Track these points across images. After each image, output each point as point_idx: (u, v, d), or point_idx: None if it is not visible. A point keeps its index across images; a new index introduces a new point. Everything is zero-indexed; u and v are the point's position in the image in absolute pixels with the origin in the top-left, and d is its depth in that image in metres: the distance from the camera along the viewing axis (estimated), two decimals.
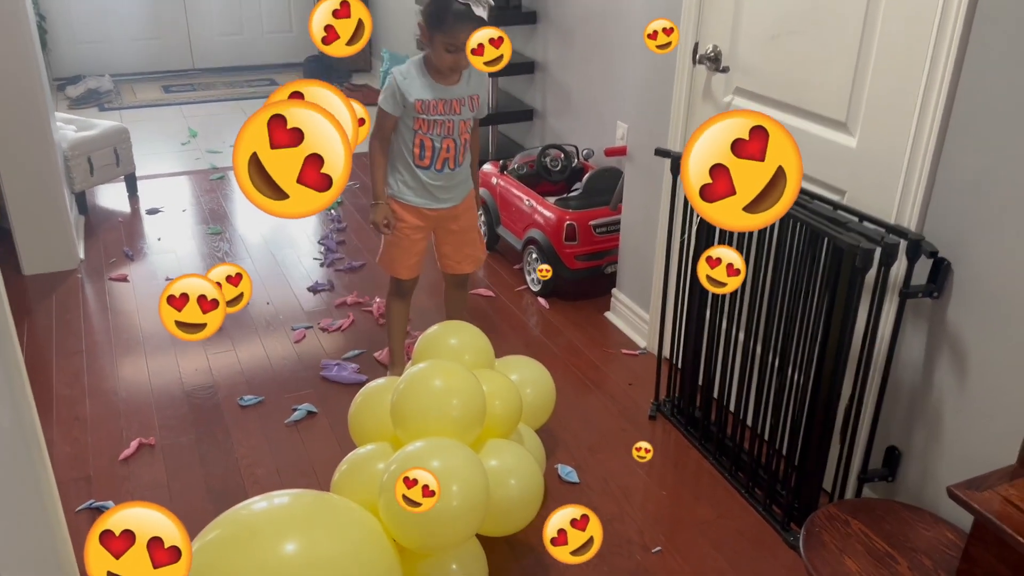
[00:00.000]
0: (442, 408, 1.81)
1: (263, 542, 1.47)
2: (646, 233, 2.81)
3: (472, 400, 1.84)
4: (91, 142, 3.82)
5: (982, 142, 1.69)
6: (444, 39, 2.23)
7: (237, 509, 1.56)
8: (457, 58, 2.24)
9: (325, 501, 1.64)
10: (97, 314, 3.10)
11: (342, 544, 1.54)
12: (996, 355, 1.74)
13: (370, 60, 6.59)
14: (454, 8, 2.19)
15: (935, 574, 1.73)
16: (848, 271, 1.80)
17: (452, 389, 1.83)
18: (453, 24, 2.19)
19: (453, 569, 1.77)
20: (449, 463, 1.67)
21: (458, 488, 1.64)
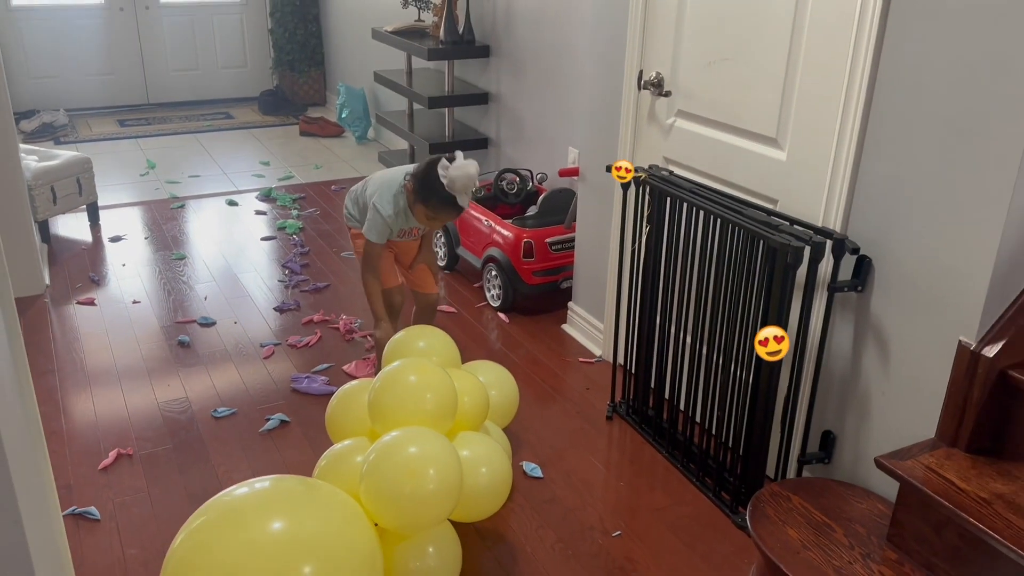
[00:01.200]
0: (417, 402, 1.95)
1: (249, 523, 1.56)
2: (599, 248, 3.00)
3: (444, 394, 1.98)
4: (54, 172, 3.89)
5: (893, 152, 1.91)
6: (426, 211, 2.51)
7: (220, 496, 1.65)
8: (432, 223, 2.59)
9: (307, 484, 1.74)
10: (67, 336, 3.16)
11: (326, 524, 1.63)
12: (914, 340, 1.95)
13: (325, 94, 6.75)
14: (441, 194, 2.44)
15: (868, 539, 1.91)
16: (781, 269, 2.00)
17: (426, 384, 1.97)
18: (437, 207, 2.48)
19: (430, 552, 1.89)
20: (425, 449, 1.81)
21: (435, 472, 1.77)
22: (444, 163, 2.42)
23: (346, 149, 5.67)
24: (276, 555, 1.56)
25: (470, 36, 4.22)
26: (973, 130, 1.72)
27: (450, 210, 2.48)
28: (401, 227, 2.60)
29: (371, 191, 2.59)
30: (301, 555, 1.57)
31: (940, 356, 1.88)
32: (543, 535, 2.20)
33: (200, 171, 5.17)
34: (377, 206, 2.53)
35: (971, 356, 1.80)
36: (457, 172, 2.40)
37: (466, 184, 2.41)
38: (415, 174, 2.50)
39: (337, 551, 1.63)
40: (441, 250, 3.83)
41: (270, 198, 4.70)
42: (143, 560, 2.08)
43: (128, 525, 2.20)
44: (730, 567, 2.11)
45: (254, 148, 5.69)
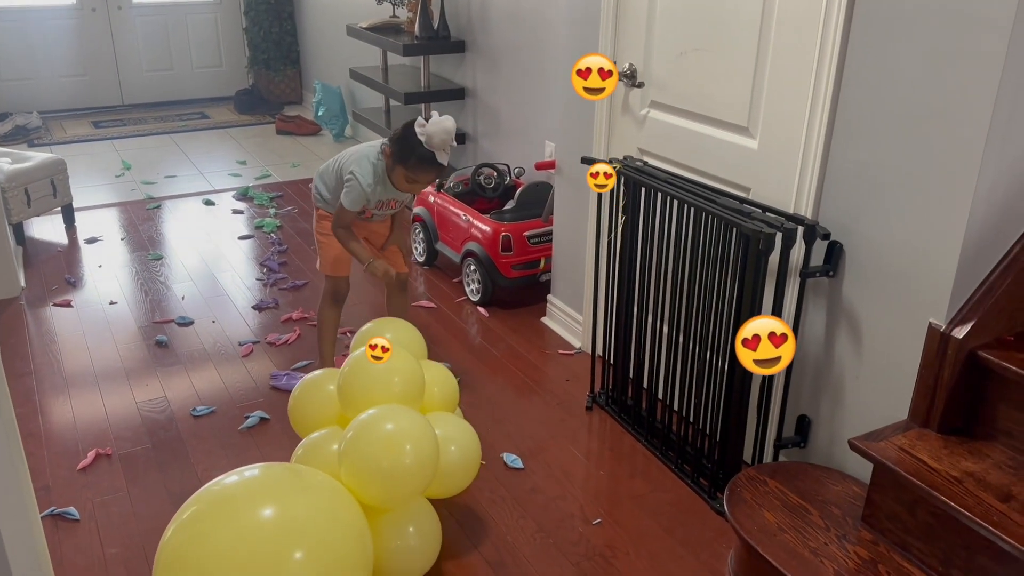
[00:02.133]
0: (385, 384, 2.01)
1: (240, 511, 1.59)
2: (576, 241, 3.01)
3: (411, 375, 2.05)
4: (27, 174, 3.86)
5: (862, 138, 1.94)
6: (405, 172, 2.48)
7: (209, 486, 1.67)
8: (412, 188, 2.54)
9: (293, 470, 1.78)
10: (43, 337, 3.14)
11: (315, 507, 1.67)
12: (886, 324, 1.98)
13: (301, 92, 6.72)
14: (419, 152, 2.42)
15: (843, 520, 1.94)
16: (754, 256, 2.02)
17: (392, 367, 2.03)
18: (416, 165, 2.45)
19: (410, 531, 1.94)
20: (401, 425, 1.86)
21: (411, 447, 1.83)
22: (420, 121, 2.41)
23: (323, 147, 5.66)
24: (268, 541, 1.58)
25: (445, 31, 4.22)
26: (938, 116, 1.75)
27: (429, 168, 2.46)
28: (379, 198, 2.57)
29: (347, 162, 2.56)
30: (293, 540, 1.60)
31: (911, 338, 1.91)
32: (524, 525, 2.21)
33: (176, 171, 5.14)
34: (356, 174, 2.50)
35: (941, 337, 1.83)
36: (435, 127, 2.38)
37: (444, 139, 2.39)
38: (392, 137, 2.49)
39: (328, 534, 1.67)
40: (420, 245, 3.83)
41: (247, 197, 4.68)
42: (123, 559, 2.07)
43: (108, 524, 2.19)
44: (709, 552, 2.13)
45: (230, 148, 5.66)
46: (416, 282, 3.68)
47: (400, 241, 2.82)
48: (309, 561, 1.59)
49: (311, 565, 1.59)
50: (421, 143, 2.40)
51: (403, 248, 2.84)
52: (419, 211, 3.77)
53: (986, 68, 1.64)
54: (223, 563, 1.55)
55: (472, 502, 2.29)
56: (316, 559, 1.60)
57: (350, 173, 2.52)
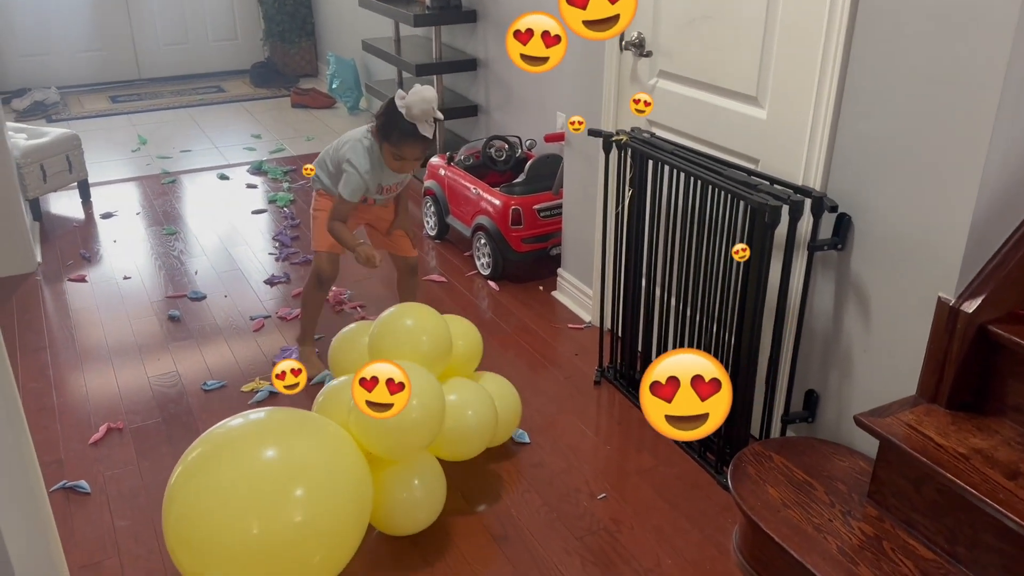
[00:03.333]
0: (413, 343, 2.08)
1: (244, 451, 1.67)
2: (586, 213, 2.98)
3: (439, 336, 2.13)
4: (43, 149, 3.88)
5: (871, 109, 1.89)
6: (391, 149, 2.44)
7: (214, 429, 1.77)
8: (402, 165, 2.49)
9: (298, 415, 1.87)
10: (58, 313, 3.17)
11: (318, 451, 1.76)
12: (894, 298, 1.94)
13: (316, 65, 6.69)
14: (401, 126, 2.37)
15: (848, 496, 1.92)
16: (761, 228, 1.99)
17: (421, 327, 2.11)
18: (399, 140, 2.41)
19: (415, 484, 2.00)
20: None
21: (417, 402, 1.87)
22: (400, 93, 2.37)
23: (338, 120, 5.64)
24: (270, 479, 1.68)
25: (457, 1, 4.17)
26: (949, 86, 1.70)
27: (414, 142, 2.40)
28: (378, 182, 2.55)
29: (343, 150, 2.53)
30: (294, 479, 1.70)
31: (920, 313, 1.87)
32: (529, 499, 2.21)
33: (191, 146, 5.15)
34: (352, 162, 2.47)
35: (951, 312, 1.79)
36: (413, 98, 2.33)
37: (424, 109, 2.34)
38: (375, 115, 2.46)
39: (328, 475, 1.76)
40: (431, 219, 3.82)
41: (261, 171, 4.68)
42: (133, 532, 2.10)
43: (118, 497, 2.22)
44: (714, 526, 2.12)
45: (246, 121, 5.66)
46: (427, 256, 3.67)
47: (405, 225, 2.79)
48: (309, 499, 1.69)
49: (311, 502, 1.69)
50: (402, 116, 2.35)
51: (409, 232, 2.81)
52: (430, 184, 3.75)
53: (998, 38, 1.59)
54: (227, 499, 1.66)
55: (477, 476, 2.29)
56: (316, 497, 1.70)
57: (347, 162, 2.48)
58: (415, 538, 2.07)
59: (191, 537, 1.68)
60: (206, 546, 1.67)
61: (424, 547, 2.06)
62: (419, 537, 2.07)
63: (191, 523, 1.68)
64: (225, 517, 1.65)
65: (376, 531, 2.08)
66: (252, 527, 1.64)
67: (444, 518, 2.11)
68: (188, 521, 1.68)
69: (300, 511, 1.68)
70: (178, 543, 1.70)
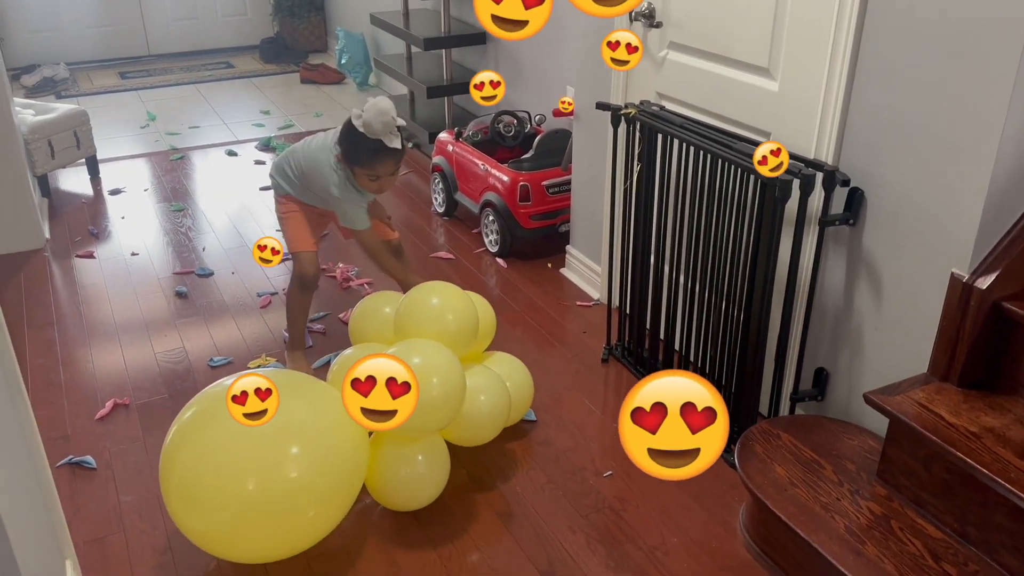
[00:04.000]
0: (439, 321, 2.08)
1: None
2: (595, 190, 2.94)
3: (466, 317, 2.12)
4: (50, 125, 3.87)
5: (885, 81, 1.84)
6: (363, 171, 2.33)
7: (212, 387, 1.83)
8: (380, 184, 2.37)
9: (298, 377, 1.91)
10: (66, 289, 3.17)
11: (312, 411, 1.80)
12: (907, 274, 1.90)
13: (326, 40, 6.64)
14: (366, 144, 2.27)
15: (857, 475, 1.89)
16: (771, 203, 1.95)
17: (447, 305, 2.10)
18: (370, 160, 2.30)
19: (419, 460, 2.00)
20: (430, 359, 1.91)
21: (438, 380, 1.89)
22: (355, 112, 2.28)
23: (347, 96, 5.60)
24: (265, 436, 1.71)
25: None
26: (965, 57, 1.65)
27: (384, 158, 2.30)
28: (368, 200, 2.46)
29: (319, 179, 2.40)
30: (290, 437, 1.75)
31: (933, 289, 1.83)
32: (534, 476, 2.20)
33: (200, 122, 5.13)
34: (348, 199, 2.38)
35: (964, 288, 1.75)
36: (369, 114, 2.24)
37: (384, 121, 2.24)
38: (338, 141, 2.35)
39: (322, 434, 1.81)
40: (439, 196, 3.78)
41: (270, 147, 4.66)
42: (138, 507, 2.11)
43: (123, 473, 2.22)
44: (720, 505, 2.10)
45: (255, 97, 5.63)
46: (435, 233, 3.65)
47: (378, 212, 2.67)
48: (304, 456, 1.76)
49: (306, 460, 1.76)
50: (364, 136, 2.25)
51: (383, 218, 2.70)
52: (438, 161, 3.71)
53: (1016, 8, 1.53)
54: (223, 456, 1.72)
55: (482, 454, 2.28)
56: (311, 455, 1.76)
57: (338, 198, 2.38)
58: (420, 515, 2.07)
59: (190, 494, 1.74)
60: (205, 503, 1.73)
61: (429, 525, 2.05)
62: (424, 515, 2.07)
63: (189, 481, 1.73)
64: (222, 474, 1.72)
65: (380, 507, 2.08)
66: (248, 483, 1.71)
67: (449, 496, 2.11)
68: (186, 479, 1.74)
69: (295, 468, 1.74)
70: (178, 501, 1.76)
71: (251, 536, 1.78)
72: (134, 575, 1.92)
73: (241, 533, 1.77)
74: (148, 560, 1.95)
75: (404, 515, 2.07)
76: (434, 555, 1.96)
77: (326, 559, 1.95)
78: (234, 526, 1.76)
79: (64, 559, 1.78)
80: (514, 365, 2.34)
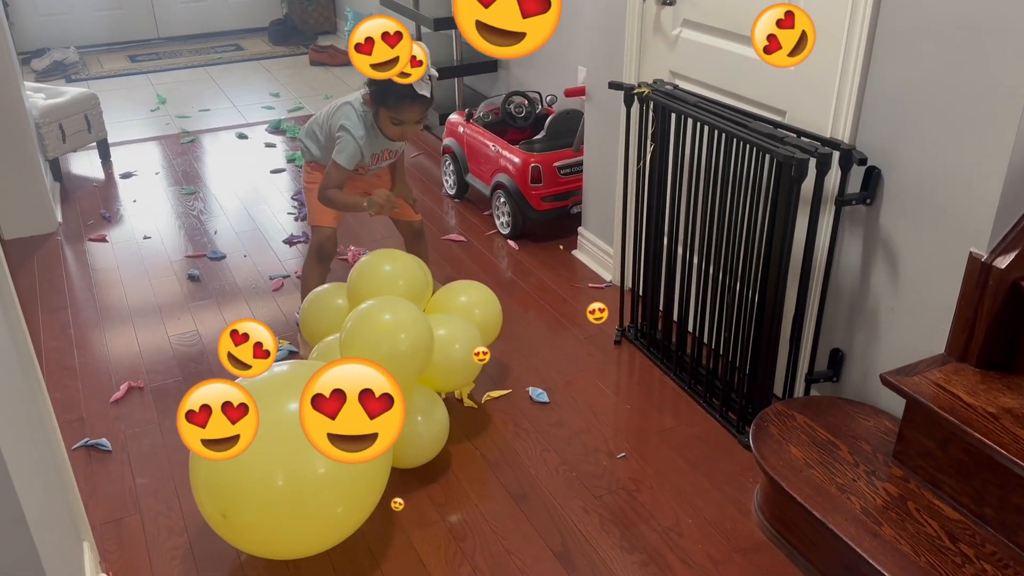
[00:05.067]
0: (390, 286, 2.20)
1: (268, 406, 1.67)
2: (607, 170, 2.93)
3: (415, 278, 2.24)
4: (61, 109, 3.86)
5: (902, 58, 1.81)
6: (389, 114, 2.34)
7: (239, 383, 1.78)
8: (402, 131, 2.39)
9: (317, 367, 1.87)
10: (79, 272, 3.18)
11: None
12: (924, 254, 1.88)
13: (335, 21, 6.61)
14: (395, 88, 2.25)
15: (873, 456, 1.88)
16: (787, 182, 1.93)
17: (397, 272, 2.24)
18: (396, 103, 2.31)
19: (418, 420, 2.06)
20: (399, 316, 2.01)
21: (405, 336, 1.99)
22: None
23: (356, 78, 5.56)
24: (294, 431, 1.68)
25: None
26: (985, 33, 1.62)
27: (412, 104, 2.30)
28: (373, 151, 2.46)
29: (335, 116, 2.44)
30: None
31: (950, 269, 1.81)
32: (547, 458, 2.20)
33: (210, 105, 5.12)
34: (348, 128, 2.38)
35: (982, 268, 1.73)
36: None
37: None
38: (368, 82, 2.36)
39: None
40: (450, 178, 3.77)
41: (279, 130, 4.65)
42: (153, 489, 2.12)
43: (138, 455, 2.23)
44: (735, 486, 2.09)
45: (264, 79, 5.61)
46: (446, 215, 3.64)
47: (404, 193, 2.70)
48: None
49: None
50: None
51: (408, 199, 2.71)
52: (449, 142, 3.70)
53: None
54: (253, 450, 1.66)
55: (495, 435, 2.28)
56: None
57: (340, 127, 2.39)
58: (433, 495, 2.07)
59: (220, 488, 1.73)
60: (234, 496, 1.73)
61: (443, 505, 2.05)
62: (438, 495, 2.07)
63: (219, 474, 1.73)
64: (252, 468, 1.70)
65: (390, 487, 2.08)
66: (278, 478, 1.70)
67: (462, 476, 2.11)
68: (216, 472, 1.73)
69: (323, 463, 1.73)
70: (207, 494, 1.76)
71: (280, 531, 1.75)
72: (150, 556, 1.93)
73: (270, 528, 1.75)
74: (164, 542, 1.97)
75: (420, 497, 2.07)
76: (455, 547, 1.97)
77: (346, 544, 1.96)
78: (264, 520, 1.73)
79: (81, 541, 1.79)
80: (481, 292, 2.43)
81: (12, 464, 1.16)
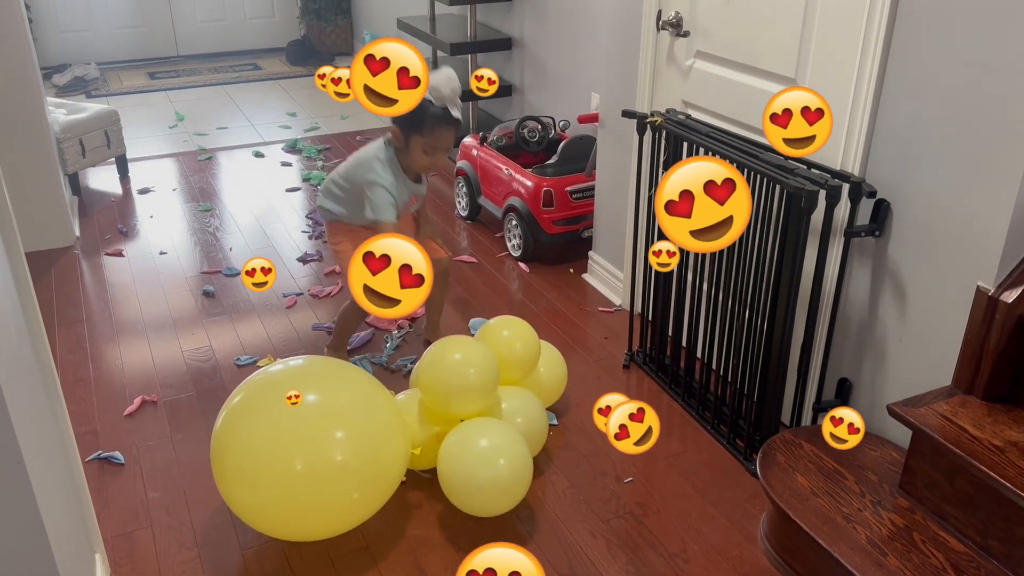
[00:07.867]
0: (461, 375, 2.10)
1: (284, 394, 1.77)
2: (619, 196, 2.96)
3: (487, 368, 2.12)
4: (82, 125, 3.93)
5: (913, 92, 1.84)
6: (423, 141, 2.30)
7: (255, 376, 1.93)
8: (434, 159, 2.34)
9: (335, 364, 2.01)
10: (95, 286, 3.23)
11: (355, 398, 1.92)
12: (932, 286, 1.90)
13: (352, 43, 6.70)
14: (432, 112, 2.25)
15: (879, 487, 1.89)
16: (797, 213, 1.95)
17: (468, 359, 2.10)
18: (432, 127, 2.27)
19: (500, 464, 1.99)
20: (496, 441, 2.01)
21: (504, 461, 1.98)
22: None
23: None
24: (312, 420, 1.83)
25: None
26: (995, 71, 1.65)
27: (446, 127, 2.28)
28: (402, 199, 2.39)
29: (356, 171, 2.39)
30: (334, 420, 1.86)
31: (958, 302, 1.83)
32: (555, 481, 2.22)
33: (228, 123, 5.19)
34: (376, 179, 2.31)
35: (989, 301, 1.75)
36: (439, 78, 2.23)
37: (453, 87, 2.24)
38: (395, 119, 2.31)
39: (366, 421, 1.91)
40: (463, 200, 3.81)
41: (296, 149, 4.71)
42: (165, 503, 2.14)
43: (151, 469, 2.26)
44: (741, 513, 2.11)
45: (281, 99, 5.69)
46: (458, 237, 3.68)
47: (431, 232, 2.65)
48: (349, 440, 1.85)
49: (350, 444, 1.84)
50: (431, 102, 2.25)
51: (436, 237, 2.67)
52: (462, 165, 3.74)
53: None
54: (270, 439, 1.81)
55: None
56: (355, 440, 1.86)
57: (370, 183, 2.32)
58: (440, 517, 2.09)
59: (241, 471, 1.83)
60: (255, 481, 1.83)
61: (449, 527, 2.07)
62: (444, 516, 2.09)
63: (241, 459, 1.82)
64: (271, 454, 1.80)
65: (398, 501, 2.09)
66: (296, 464, 1.79)
67: None
68: (238, 457, 1.83)
69: (340, 451, 1.83)
70: (229, 477, 1.84)
71: (299, 513, 1.86)
72: (161, 569, 1.95)
73: (289, 510, 1.85)
74: (174, 555, 1.99)
75: (427, 517, 2.09)
76: (457, 559, 1.98)
77: (349, 558, 1.97)
78: (284, 504, 1.84)
79: (94, 552, 1.81)
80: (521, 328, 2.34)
81: (35, 476, 1.19)
